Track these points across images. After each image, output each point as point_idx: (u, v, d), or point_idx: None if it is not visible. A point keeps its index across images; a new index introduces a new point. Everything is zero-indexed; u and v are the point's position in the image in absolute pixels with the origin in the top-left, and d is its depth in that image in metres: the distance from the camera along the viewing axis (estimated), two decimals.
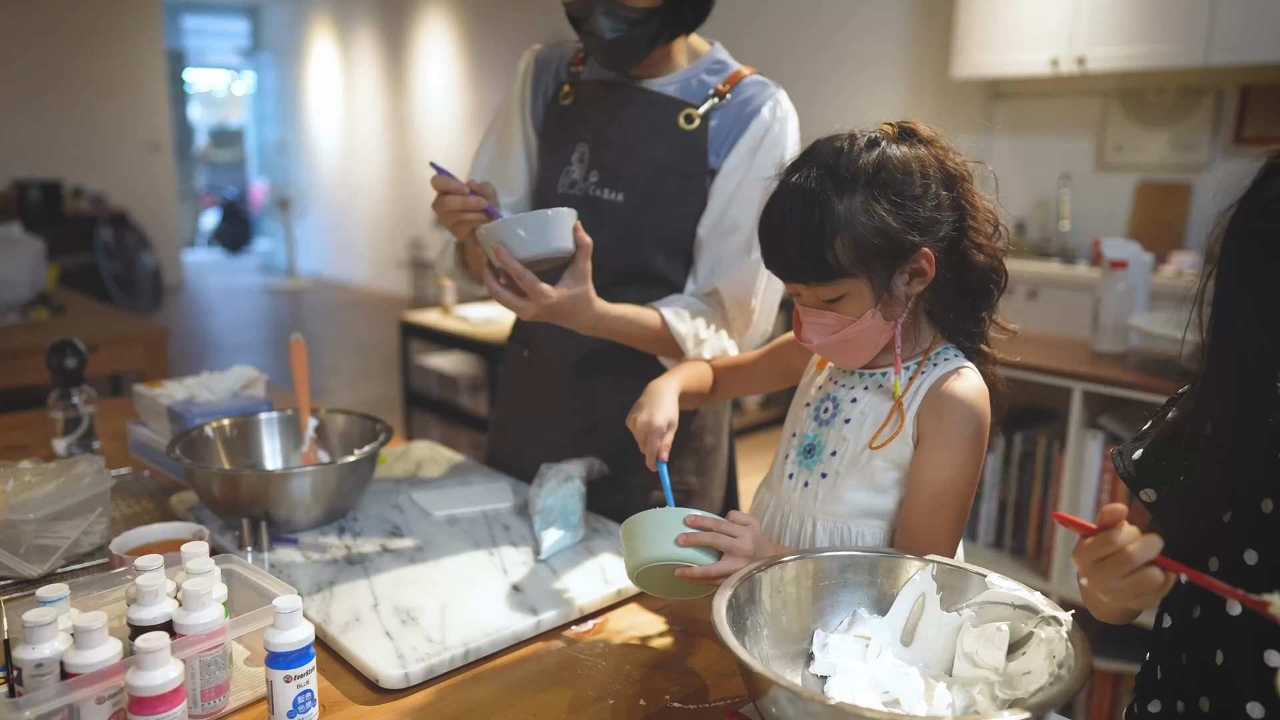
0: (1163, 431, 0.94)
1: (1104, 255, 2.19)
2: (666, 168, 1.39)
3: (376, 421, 1.48)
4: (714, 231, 1.39)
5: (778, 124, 1.37)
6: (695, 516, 1.01)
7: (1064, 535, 2.18)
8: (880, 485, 1.08)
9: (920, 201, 1.01)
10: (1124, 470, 0.97)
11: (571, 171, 1.45)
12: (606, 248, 1.41)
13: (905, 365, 1.09)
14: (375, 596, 1.15)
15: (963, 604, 0.96)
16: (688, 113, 1.39)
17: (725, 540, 1.00)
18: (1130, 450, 0.97)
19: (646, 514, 1.04)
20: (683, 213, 1.40)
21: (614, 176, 1.41)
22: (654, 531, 1.02)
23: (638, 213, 1.40)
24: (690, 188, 1.39)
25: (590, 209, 1.42)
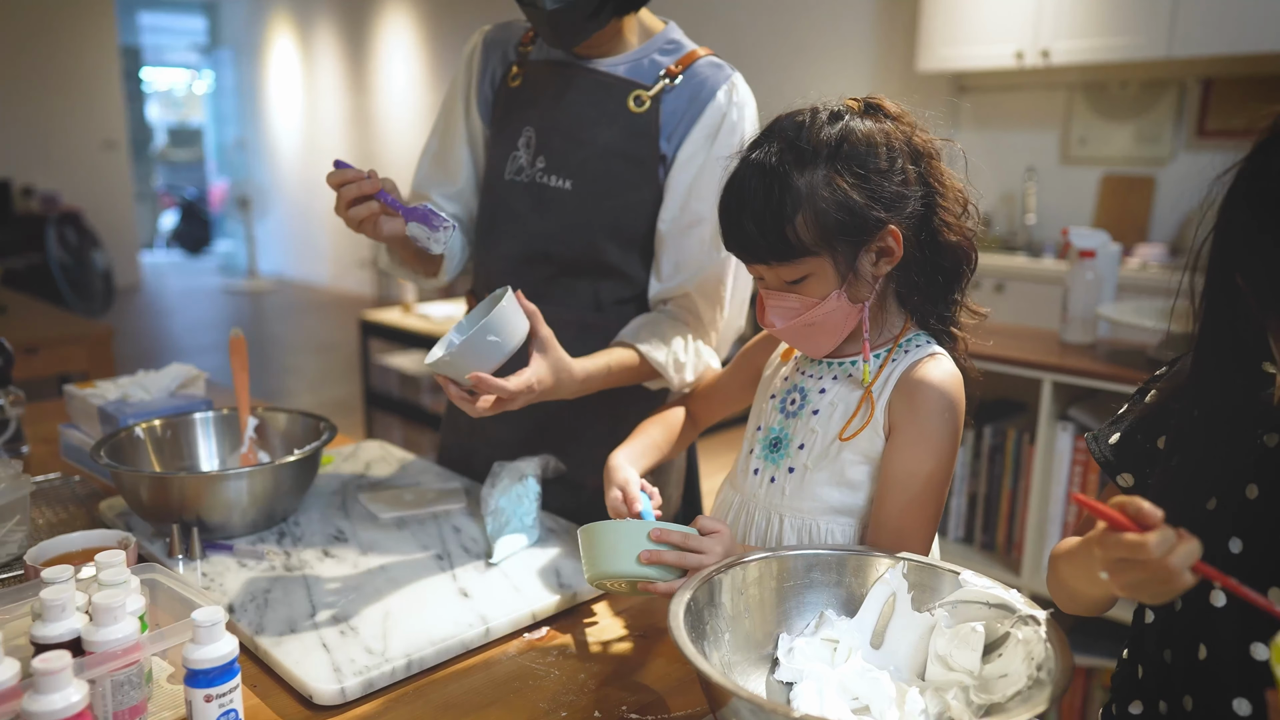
0: (1141, 415, 0.90)
1: (1072, 244, 2.17)
2: (616, 153, 1.32)
3: (320, 420, 1.41)
4: (675, 226, 1.32)
5: (735, 109, 1.30)
6: (660, 531, 0.95)
7: (1035, 529, 2.15)
8: (850, 480, 1.03)
9: (886, 176, 0.96)
10: (1100, 455, 0.92)
11: (518, 157, 1.38)
12: (554, 238, 1.35)
13: (875, 352, 1.04)
14: (313, 605, 1.08)
15: (935, 603, 0.92)
16: (638, 94, 1.31)
17: (693, 559, 0.94)
18: (1106, 435, 0.93)
19: (607, 525, 0.97)
20: (634, 200, 1.33)
21: (561, 163, 1.34)
22: (615, 545, 0.96)
23: (586, 201, 1.33)
24: (642, 174, 1.32)
25: (537, 197, 1.36)
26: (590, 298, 1.38)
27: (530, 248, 1.38)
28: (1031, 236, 4.13)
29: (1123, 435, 0.91)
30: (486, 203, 1.43)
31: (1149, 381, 0.93)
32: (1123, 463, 0.90)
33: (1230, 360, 0.78)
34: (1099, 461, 0.92)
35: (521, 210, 1.37)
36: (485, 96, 1.44)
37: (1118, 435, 0.92)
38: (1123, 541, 0.65)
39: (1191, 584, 0.65)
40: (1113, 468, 0.91)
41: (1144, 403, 0.91)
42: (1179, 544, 0.64)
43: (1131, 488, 0.89)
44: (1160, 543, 0.64)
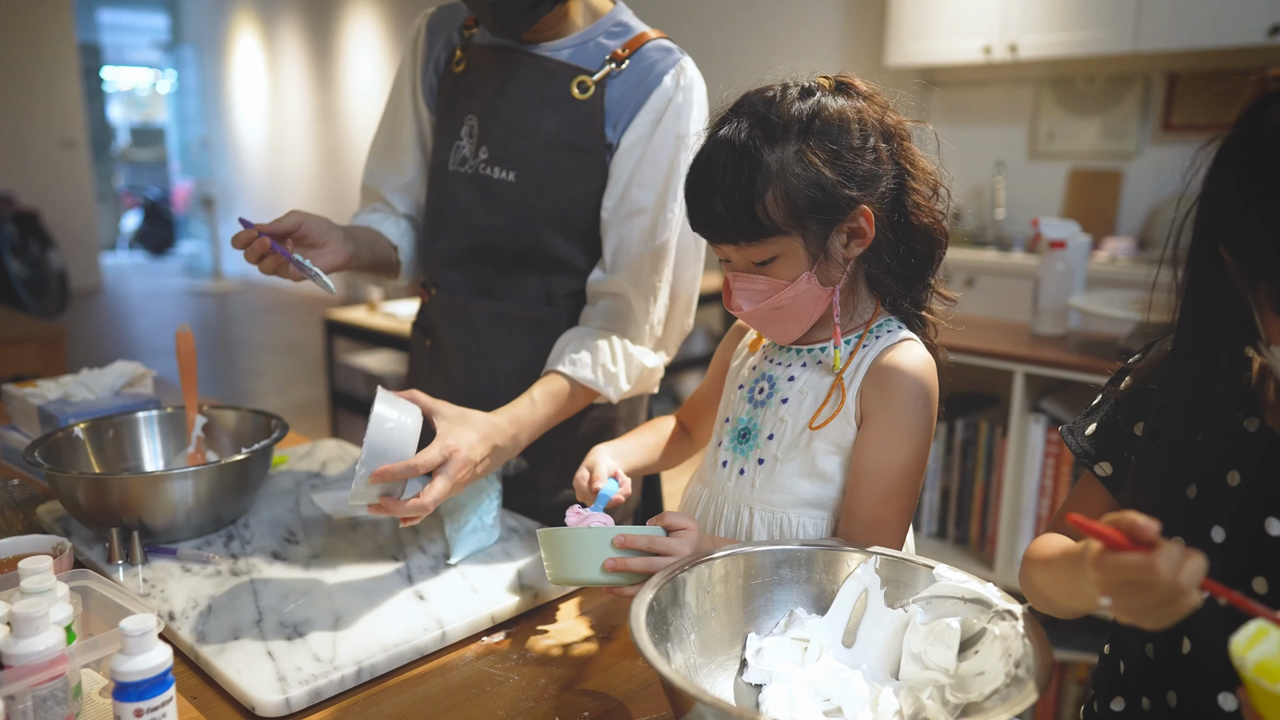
0: (1117, 401, 0.87)
1: (1042, 235, 2.15)
2: (560, 142, 1.26)
3: (271, 418, 1.35)
4: (616, 215, 1.27)
5: (681, 94, 1.24)
6: (625, 537, 0.90)
7: (1008, 523, 2.13)
8: (821, 471, 1.00)
9: (859, 154, 0.93)
10: (1077, 447, 0.89)
11: (461, 148, 1.33)
12: (499, 231, 1.30)
13: (846, 338, 1.01)
14: (260, 611, 1.02)
15: (909, 599, 0.88)
16: (581, 80, 1.25)
17: (660, 564, 0.90)
18: (1082, 426, 0.90)
19: (568, 533, 0.93)
20: (580, 192, 1.27)
21: (504, 154, 1.29)
22: (577, 553, 0.91)
23: (530, 193, 1.28)
24: (587, 164, 1.26)
25: (481, 189, 1.31)
26: (540, 291, 1.33)
27: (475, 241, 1.33)
28: (1001, 231, 4.14)
29: (1099, 424, 0.88)
30: (432, 194, 1.39)
31: (1123, 370, 0.90)
32: (1100, 452, 0.87)
33: (1212, 341, 0.75)
34: (1075, 453, 0.90)
35: (466, 203, 1.32)
36: (430, 83, 1.39)
37: (1094, 425, 0.89)
38: (1127, 563, 0.60)
39: (1199, 604, 0.60)
40: (1090, 458, 0.88)
41: (1119, 389, 0.88)
42: (1186, 560, 0.59)
43: (1110, 476, 0.86)
44: (1168, 561, 0.58)
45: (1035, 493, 2.09)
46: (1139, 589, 0.60)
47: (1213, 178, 0.70)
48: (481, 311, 1.35)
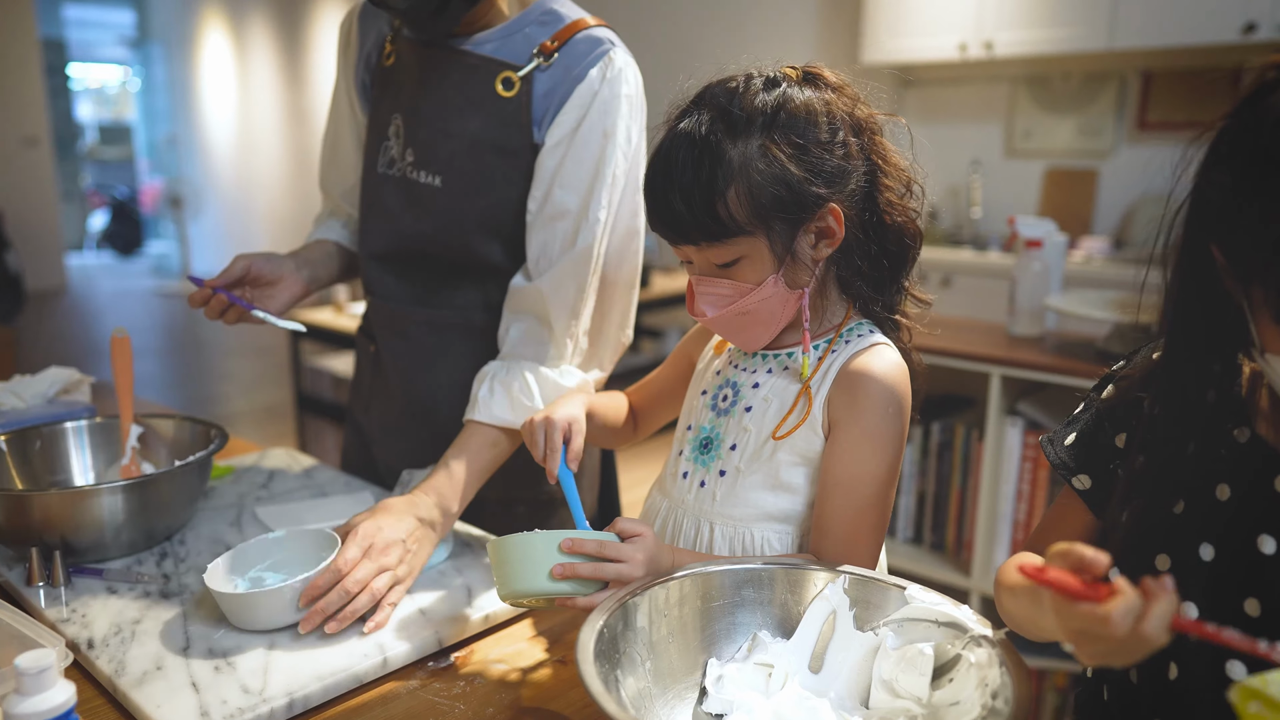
0: (1097, 413, 0.82)
1: (1019, 234, 2.11)
2: (485, 144, 1.18)
3: (211, 426, 1.27)
4: (539, 217, 1.18)
5: (607, 87, 1.14)
6: (574, 541, 0.85)
7: (985, 528, 2.09)
8: (786, 483, 0.94)
9: (827, 149, 0.88)
10: (1056, 458, 0.84)
11: (389, 148, 1.25)
12: (429, 238, 1.23)
13: (815, 344, 0.95)
14: (188, 637, 0.95)
15: (879, 622, 0.83)
16: (506, 76, 1.16)
17: (610, 570, 0.84)
18: (1061, 436, 0.85)
19: (516, 540, 0.87)
20: (510, 196, 1.19)
21: (429, 157, 1.21)
22: (525, 560, 0.86)
23: (458, 199, 1.20)
24: (515, 167, 1.18)
25: (408, 194, 1.23)
26: (477, 299, 1.26)
27: (406, 248, 1.26)
28: (977, 230, 4.11)
29: (1079, 435, 0.83)
30: (363, 196, 1.31)
31: (1106, 377, 0.85)
32: (1079, 464, 0.82)
33: (1204, 348, 0.70)
34: (1054, 465, 0.85)
35: (394, 208, 1.25)
36: (363, 79, 1.32)
37: (1073, 436, 0.84)
38: (1083, 614, 0.56)
39: (1166, 643, 0.56)
40: (1068, 470, 0.83)
41: (1101, 398, 0.83)
42: (1150, 607, 0.55)
43: (1089, 489, 0.81)
44: (1125, 613, 0.55)
45: (1013, 497, 2.05)
46: (1098, 639, 0.57)
47: (1205, 172, 0.65)
48: (417, 320, 1.28)
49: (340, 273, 1.38)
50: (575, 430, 1.01)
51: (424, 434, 1.28)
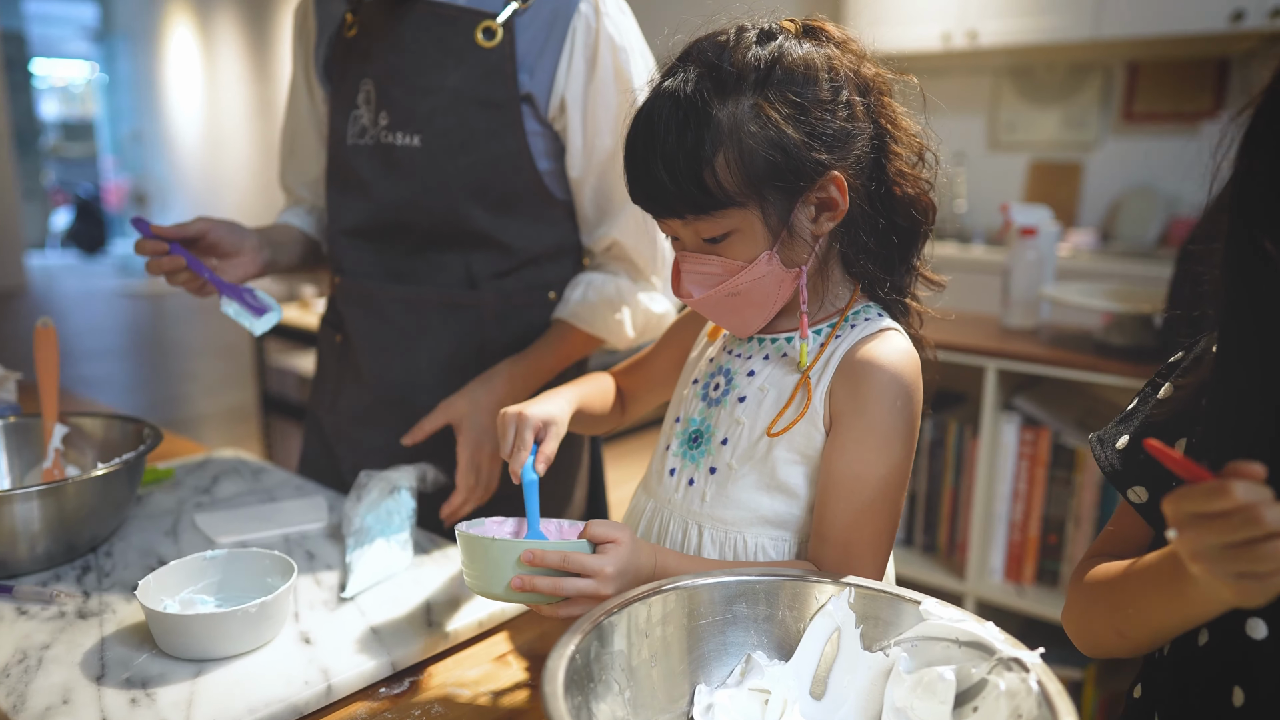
0: (1157, 412, 0.72)
1: (1013, 222, 2.02)
2: (467, 98, 1.11)
3: (144, 425, 1.16)
4: (586, 171, 1.15)
5: (609, 21, 1.11)
6: (535, 554, 0.74)
7: (980, 528, 2.00)
8: (783, 484, 0.84)
9: (829, 109, 0.78)
10: (1106, 463, 0.74)
11: (359, 117, 1.17)
12: (409, 204, 1.14)
13: (815, 329, 0.86)
14: (104, 664, 0.84)
15: (891, 640, 0.73)
16: (486, 25, 1.09)
17: (571, 586, 0.74)
18: (1113, 437, 0.75)
19: (475, 542, 0.77)
20: (496, 153, 1.12)
21: (406, 116, 1.13)
22: (485, 565, 0.77)
23: (440, 158, 1.12)
24: (501, 120, 1.11)
25: (384, 159, 1.15)
26: (461, 273, 1.17)
27: (382, 218, 1.17)
28: (961, 224, 4.04)
29: (1134, 438, 0.73)
30: (332, 172, 1.23)
31: (1163, 371, 0.74)
32: (1134, 472, 0.72)
33: (1263, 352, 0.61)
34: (1105, 471, 0.74)
35: (368, 176, 1.16)
36: (324, 58, 1.24)
37: (1127, 438, 0.73)
38: (1199, 492, 0.49)
39: None
40: (1120, 479, 0.73)
41: (1157, 398, 0.73)
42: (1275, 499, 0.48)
43: (1146, 504, 0.71)
44: (1247, 491, 0.47)
45: (1009, 496, 1.96)
46: (1214, 525, 0.49)
47: (1244, 158, 0.57)
48: (393, 298, 1.19)
49: (300, 260, 1.29)
50: (551, 432, 0.91)
51: (400, 424, 1.18)
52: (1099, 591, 0.71)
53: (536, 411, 0.91)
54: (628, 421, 1.12)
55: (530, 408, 0.91)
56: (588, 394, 1.02)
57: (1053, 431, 1.88)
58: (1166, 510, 0.52)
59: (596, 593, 0.74)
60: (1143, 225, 3.56)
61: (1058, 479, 1.90)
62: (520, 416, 0.90)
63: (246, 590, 0.93)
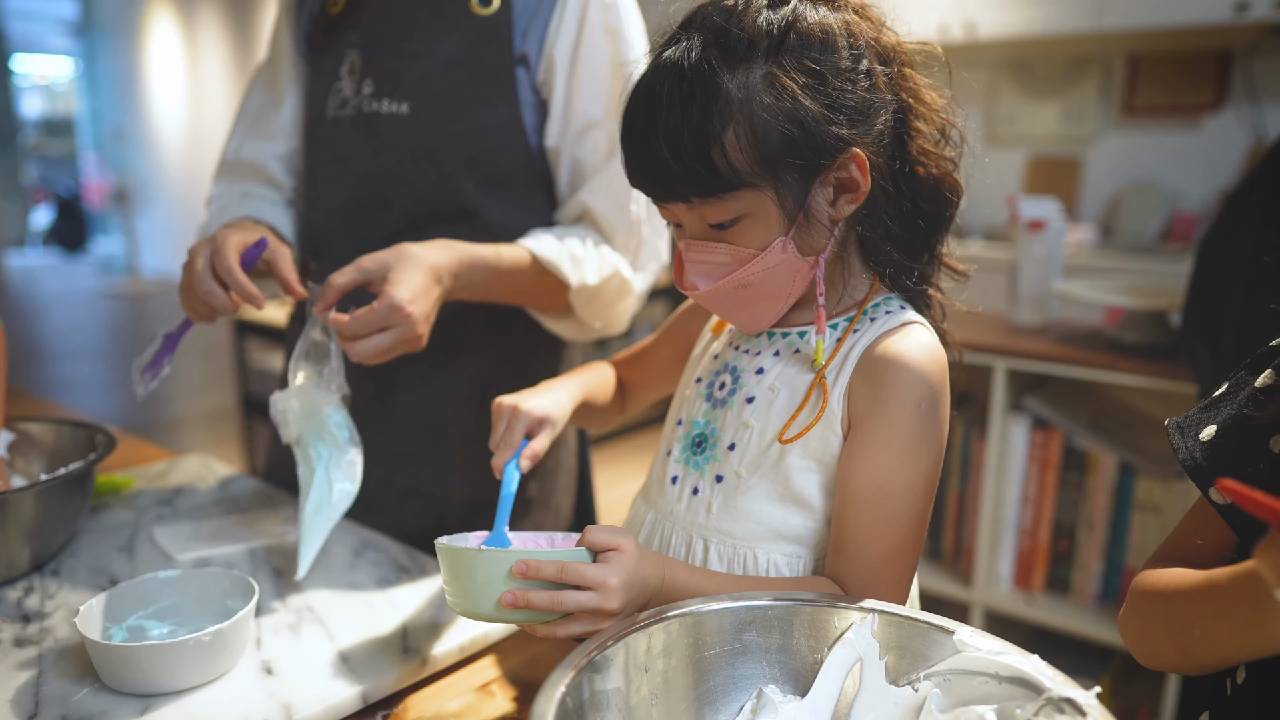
0: (1257, 414, 0.63)
1: (1020, 216, 1.95)
2: (460, 64, 1.04)
3: (97, 431, 1.07)
4: (564, 138, 1.08)
5: None
6: (529, 565, 0.66)
7: (988, 534, 1.93)
8: (798, 494, 0.77)
9: (849, 79, 0.70)
10: (1187, 455, 0.65)
11: (341, 89, 1.10)
12: (393, 177, 1.07)
13: (831, 323, 0.78)
14: (39, 701, 0.75)
15: (921, 674, 0.65)
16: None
17: (570, 600, 0.66)
18: (1196, 425, 0.66)
19: (459, 555, 0.69)
20: (489, 122, 1.05)
21: (393, 82, 1.06)
22: (471, 580, 0.68)
23: (429, 126, 1.05)
24: (495, 87, 1.04)
25: (367, 129, 1.07)
26: None
27: (363, 194, 1.09)
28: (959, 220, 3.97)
29: (1223, 429, 0.64)
30: (308, 150, 1.16)
31: (1264, 355, 0.65)
32: (1218, 466, 0.63)
33: None
34: (1185, 465, 0.65)
35: (349, 150, 1.09)
36: (304, 32, 1.17)
37: (1214, 429, 0.65)
38: None
39: None
40: (1204, 475, 0.64)
41: (1255, 386, 0.64)
42: None
43: (1231, 505, 0.63)
44: None
45: (1018, 501, 1.89)
46: None
47: None
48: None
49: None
50: (544, 428, 0.84)
51: (372, 420, 1.09)
52: (1163, 604, 0.63)
53: (533, 406, 0.83)
54: (628, 413, 1.05)
55: (527, 401, 0.84)
56: (591, 385, 0.95)
57: (1064, 433, 1.80)
58: (1264, 568, 0.45)
59: (600, 607, 0.66)
60: (1144, 221, 3.50)
61: (1069, 483, 1.82)
62: (514, 411, 0.83)
63: (204, 614, 0.84)
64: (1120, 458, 1.76)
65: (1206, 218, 3.37)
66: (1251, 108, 3.24)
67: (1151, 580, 0.64)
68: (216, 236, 0.96)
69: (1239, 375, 0.66)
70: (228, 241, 0.94)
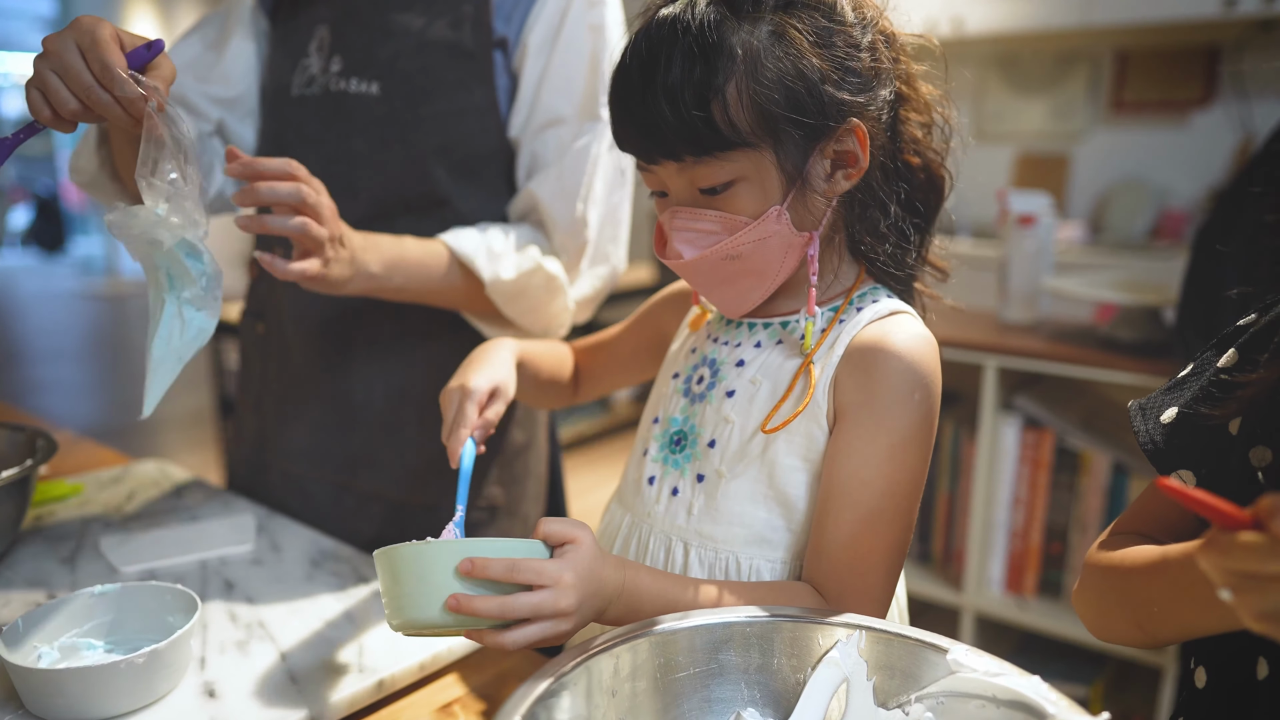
0: (1210, 386, 0.60)
1: (1010, 211, 1.91)
2: (436, 44, 0.98)
3: (38, 435, 1.01)
4: (527, 130, 1.02)
5: None
6: (475, 562, 0.60)
7: (978, 536, 1.88)
8: (782, 493, 0.72)
9: (855, 46, 0.68)
10: (1147, 438, 0.63)
11: (308, 66, 1.04)
12: (361, 160, 1.01)
13: (821, 309, 0.75)
14: None
15: (911, 695, 0.59)
16: None
17: (522, 604, 0.60)
18: (1157, 407, 0.63)
19: (399, 552, 0.62)
20: (464, 105, 0.99)
21: (364, 61, 1.00)
22: (416, 582, 0.61)
23: (399, 108, 0.99)
24: (472, 70, 0.99)
25: (334, 109, 1.01)
26: None
27: (329, 178, 1.02)
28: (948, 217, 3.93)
29: (1183, 411, 0.61)
30: (269, 128, 1.08)
31: (1229, 335, 0.62)
32: (1179, 454, 0.61)
33: None
34: (1145, 448, 0.63)
35: (315, 131, 1.03)
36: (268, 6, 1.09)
37: (1175, 411, 0.62)
38: (1249, 548, 0.39)
39: None
40: (1163, 459, 0.61)
41: (1218, 367, 0.60)
42: None
43: None
44: None
45: (1008, 502, 1.84)
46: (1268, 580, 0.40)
47: None
48: None
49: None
50: (496, 400, 0.79)
51: (331, 421, 1.05)
52: (1119, 581, 0.60)
53: (479, 383, 0.78)
54: (578, 401, 1.00)
55: (474, 379, 0.78)
56: (535, 350, 0.90)
57: (1056, 432, 1.76)
58: (1207, 567, 0.42)
59: (554, 606, 0.60)
60: (1133, 218, 3.47)
61: (1061, 484, 1.78)
62: (463, 391, 0.77)
63: (144, 632, 0.78)
64: (1113, 458, 1.72)
65: (1196, 215, 3.35)
66: (1240, 104, 3.22)
67: (1107, 556, 0.61)
68: (85, 24, 0.71)
69: (1204, 356, 0.63)
70: (102, 29, 0.71)
